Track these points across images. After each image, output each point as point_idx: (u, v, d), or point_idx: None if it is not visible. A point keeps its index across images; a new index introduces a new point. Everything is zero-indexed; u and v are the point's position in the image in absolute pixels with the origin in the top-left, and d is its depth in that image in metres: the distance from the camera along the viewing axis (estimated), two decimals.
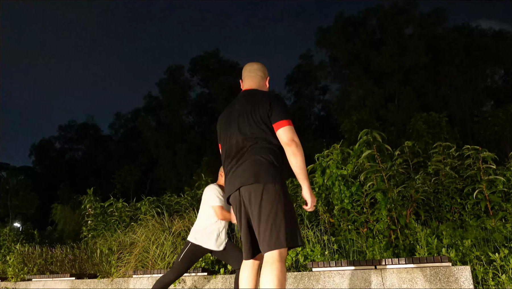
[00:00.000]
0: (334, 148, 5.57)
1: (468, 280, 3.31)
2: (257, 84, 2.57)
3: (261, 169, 2.21)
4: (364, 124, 18.62)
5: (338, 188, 5.16)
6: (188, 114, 38.31)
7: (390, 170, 5.15)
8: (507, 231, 4.05)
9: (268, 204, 2.14)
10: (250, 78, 2.59)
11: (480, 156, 4.85)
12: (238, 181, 2.25)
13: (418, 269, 3.55)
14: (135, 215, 7.65)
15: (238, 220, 2.35)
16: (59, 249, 7.76)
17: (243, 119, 2.34)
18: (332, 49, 32.15)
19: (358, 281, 3.80)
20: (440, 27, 28.76)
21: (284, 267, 2.09)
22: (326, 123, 35.06)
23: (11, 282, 7.22)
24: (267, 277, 2.02)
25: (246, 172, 2.23)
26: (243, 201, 2.27)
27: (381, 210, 4.95)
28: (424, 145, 14.80)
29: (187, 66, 38.39)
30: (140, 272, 5.38)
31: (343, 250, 4.71)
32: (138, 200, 8.29)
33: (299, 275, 4.18)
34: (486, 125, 20.97)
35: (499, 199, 4.68)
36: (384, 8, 29.40)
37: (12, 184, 37.36)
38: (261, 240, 2.14)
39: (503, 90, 28.93)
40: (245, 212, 2.28)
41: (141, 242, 5.90)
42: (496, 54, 27.29)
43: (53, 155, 43.04)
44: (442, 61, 27.41)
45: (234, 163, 2.32)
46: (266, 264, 2.08)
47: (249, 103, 2.37)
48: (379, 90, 26.90)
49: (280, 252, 2.10)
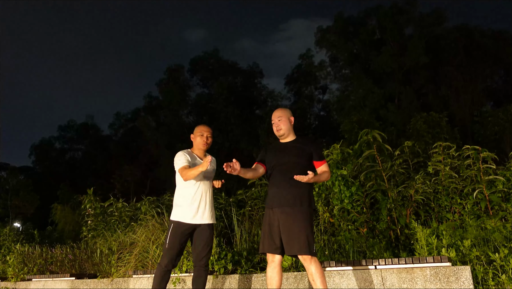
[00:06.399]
0: (334, 148, 5.57)
1: (468, 280, 3.31)
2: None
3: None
4: (364, 124, 18.58)
5: (338, 188, 5.16)
6: (188, 114, 38.26)
7: (390, 170, 5.15)
8: (507, 231, 4.05)
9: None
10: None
11: (480, 156, 4.85)
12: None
13: (418, 269, 3.55)
14: (135, 215, 7.65)
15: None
16: (59, 249, 7.76)
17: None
18: (332, 49, 32.13)
19: (358, 281, 3.81)
20: (440, 27, 28.73)
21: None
22: (326, 123, 35.03)
23: (11, 282, 7.23)
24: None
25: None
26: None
27: (381, 210, 4.95)
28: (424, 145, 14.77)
29: (187, 66, 38.42)
30: (140, 272, 5.38)
31: (343, 250, 4.71)
32: (138, 200, 8.28)
33: (299, 275, 4.18)
34: (486, 125, 20.96)
35: (499, 199, 4.68)
36: (384, 8, 29.37)
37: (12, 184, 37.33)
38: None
39: (503, 90, 28.91)
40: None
41: (141, 242, 5.90)
42: (496, 54, 27.26)
43: (53, 155, 42.97)
44: (442, 61, 27.38)
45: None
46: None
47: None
48: (379, 90, 26.86)
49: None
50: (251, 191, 6.90)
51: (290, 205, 2.98)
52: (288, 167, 3.08)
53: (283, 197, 3.02)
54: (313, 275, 2.87)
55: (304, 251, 2.86)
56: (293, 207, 2.97)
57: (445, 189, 5.01)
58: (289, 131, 3.25)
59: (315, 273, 2.87)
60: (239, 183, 24.19)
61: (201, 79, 38.81)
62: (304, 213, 2.97)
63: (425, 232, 3.94)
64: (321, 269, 2.90)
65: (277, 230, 2.99)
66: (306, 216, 2.97)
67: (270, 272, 3.04)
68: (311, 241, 2.90)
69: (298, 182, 2.96)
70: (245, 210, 6.17)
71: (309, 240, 2.89)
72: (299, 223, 2.92)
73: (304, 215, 2.96)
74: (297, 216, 2.95)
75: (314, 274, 2.87)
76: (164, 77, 37.26)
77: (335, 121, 30.74)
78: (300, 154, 3.13)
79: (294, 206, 2.97)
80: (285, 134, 3.24)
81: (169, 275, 3.62)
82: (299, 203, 2.98)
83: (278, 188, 3.09)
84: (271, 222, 3.05)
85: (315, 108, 37.84)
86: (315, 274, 2.87)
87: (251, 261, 4.80)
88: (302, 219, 2.94)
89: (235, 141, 32.52)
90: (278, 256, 3.04)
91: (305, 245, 2.86)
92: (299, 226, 2.91)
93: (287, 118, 3.26)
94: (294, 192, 3.00)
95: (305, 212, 2.98)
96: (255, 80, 38.16)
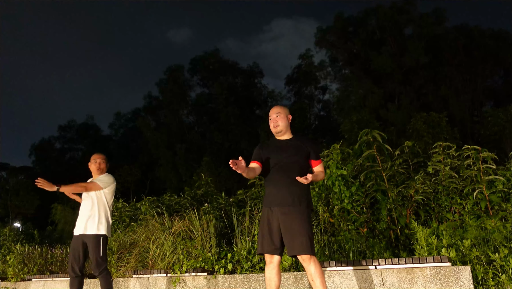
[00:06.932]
0: (334, 148, 5.57)
1: (468, 280, 3.31)
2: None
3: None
4: (364, 124, 18.59)
5: (338, 188, 5.16)
6: (188, 114, 38.26)
7: (390, 170, 5.14)
8: (507, 231, 4.05)
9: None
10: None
11: (480, 156, 4.85)
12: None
13: (418, 269, 3.55)
14: (135, 215, 7.65)
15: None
16: (59, 249, 7.77)
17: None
18: (332, 49, 32.16)
19: (358, 281, 3.81)
20: (440, 27, 28.73)
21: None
22: (326, 123, 35.04)
23: (11, 282, 7.23)
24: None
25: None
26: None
27: (381, 210, 4.95)
28: (424, 145, 14.81)
29: (187, 66, 38.43)
30: (140, 272, 5.39)
31: (343, 250, 4.71)
32: (138, 200, 8.28)
33: (299, 275, 4.18)
34: (486, 125, 20.97)
35: (499, 199, 4.68)
36: (383, 8, 29.36)
37: (12, 184, 37.33)
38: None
39: (503, 90, 28.90)
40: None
41: (141, 242, 5.90)
42: (496, 54, 27.25)
43: (53, 155, 43.00)
44: (442, 61, 27.38)
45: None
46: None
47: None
48: (379, 90, 26.87)
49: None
50: (251, 191, 6.90)
51: (290, 204, 2.96)
52: (287, 165, 3.06)
53: (283, 196, 2.99)
54: (312, 275, 2.87)
55: (306, 251, 2.85)
56: (293, 206, 2.95)
57: (445, 189, 5.01)
58: (286, 129, 3.23)
59: (315, 273, 2.86)
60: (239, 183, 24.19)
61: (201, 79, 38.83)
62: (304, 213, 2.96)
63: (425, 232, 3.94)
64: (320, 269, 2.90)
65: (277, 230, 2.97)
66: (305, 216, 2.96)
67: (269, 273, 3.02)
68: (312, 240, 2.90)
69: (297, 181, 2.94)
70: (245, 210, 6.17)
71: (311, 240, 2.89)
72: (300, 223, 2.91)
73: (304, 214, 2.95)
74: (297, 216, 2.94)
75: (313, 274, 2.87)
76: (164, 77, 37.29)
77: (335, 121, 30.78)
78: (298, 152, 3.11)
79: (294, 205, 2.95)
80: (283, 131, 3.21)
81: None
82: (298, 202, 2.96)
83: (276, 187, 3.06)
84: (270, 221, 3.02)
85: (315, 108, 37.87)
86: (314, 274, 2.86)
87: (251, 261, 4.80)
88: (302, 218, 2.93)
89: (235, 141, 32.52)
90: (277, 257, 3.02)
91: (307, 245, 2.85)
92: (300, 226, 2.90)
93: (285, 115, 3.23)
94: (293, 191, 2.99)
95: (305, 211, 2.97)
96: (255, 80, 38.18)
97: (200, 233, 5.50)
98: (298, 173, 2.98)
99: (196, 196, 8.15)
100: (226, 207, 6.87)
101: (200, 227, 5.57)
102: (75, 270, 3.97)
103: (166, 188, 25.27)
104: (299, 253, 2.89)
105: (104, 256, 3.96)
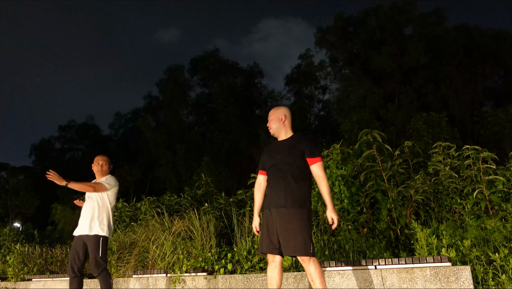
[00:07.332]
0: (334, 148, 5.57)
1: (468, 280, 3.31)
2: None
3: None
4: (364, 124, 18.61)
5: (338, 188, 5.16)
6: (188, 114, 38.29)
7: (390, 170, 5.14)
8: (507, 231, 4.05)
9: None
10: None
11: (480, 156, 4.85)
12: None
13: (418, 269, 3.55)
14: (135, 215, 7.65)
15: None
16: (59, 249, 7.77)
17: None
18: (332, 49, 32.17)
19: (358, 281, 3.81)
20: (440, 27, 28.73)
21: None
22: (326, 123, 35.06)
23: (11, 282, 7.23)
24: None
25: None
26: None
27: (381, 210, 4.95)
28: (424, 145, 14.81)
29: (187, 66, 38.44)
30: (140, 272, 5.39)
31: (343, 250, 4.71)
32: (138, 200, 8.28)
33: (299, 275, 4.18)
34: (486, 125, 20.97)
35: (499, 199, 4.68)
36: (383, 8, 29.37)
37: (12, 184, 37.35)
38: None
39: (503, 90, 28.92)
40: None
41: (141, 242, 5.90)
42: (496, 54, 27.26)
43: (53, 155, 43.02)
44: (442, 61, 27.38)
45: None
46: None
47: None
48: (379, 90, 26.88)
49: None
50: (251, 191, 6.90)
51: (285, 205, 2.97)
52: (280, 166, 3.08)
53: (278, 197, 3.02)
54: (312, 276, 2.87)
55: (299, 252, 2.85)
56: (288, 207, 2.96)
57: (445, 189, 5.01)
58: (279, 130, 3.25)
59: (314, 273, 2.87)
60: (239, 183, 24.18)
61: (201, 79, 38.85)
62: (300, 214, 2.95)
63: (425, 232, 3.94)
64: (320, 269, 2.90)
65: (275, 230, 2.99)
66: (301, 217, 2.95)
67: (270, 272, 3.03)
68: (307, 242, 2.88)
69: (291, 181, 2.98)
70: (245, 210, 6.17)
71: (305, 241, 2.87)
72: (295, 224, 2.91)
73: (299, 215, 2.95)
74: (292, 217, 2.94)
75: (313, 274, 2.87)
76: (164, 77, 37.31)
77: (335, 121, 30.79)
78: (291, 152, 3.11)
79: (289, 206, 2.96)
80: (276, 133, 3.27)
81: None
82: (292, 203, 2.95)
83: (272, 188, 3.10)
84: (269, 222, 3.05)
85: (315, 108, 37.89)
86: (314, 274, 2.87)
87: (251, 261, 4.80)
88: (297, 220, 2.93)
89: (235, 141, 32.54)
90: (278, 256, 3.04)
91: (301, 246, 2.85)
92: (294, 227, 2.91)
93: (277, 117, 3.26)
94: (288, 192, 2.99)
95: (301, 212, 2.96)
96: (255, 80, 38.19)
97: (200, 233, 5.50)
98: (292, 173, 3.02)
99: (196, 196, 8.15)
100: (226, 207, 6.87)
101: (200, 227, 5.57)
102: (75, 270, 3.97)
103: (166, 188, 25.28)
104: (293, 254, 2.90)
105: (104, 257, 3.96)
